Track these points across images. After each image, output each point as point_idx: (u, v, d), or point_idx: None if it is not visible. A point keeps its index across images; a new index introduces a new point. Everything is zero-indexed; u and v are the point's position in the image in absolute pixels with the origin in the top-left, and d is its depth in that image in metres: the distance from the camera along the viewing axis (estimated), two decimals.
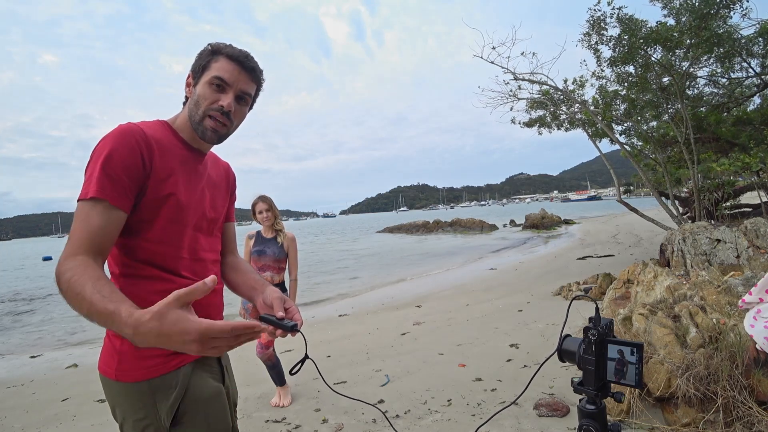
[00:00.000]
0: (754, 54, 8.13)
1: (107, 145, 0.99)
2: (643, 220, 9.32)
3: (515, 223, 34.23)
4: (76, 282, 0.87)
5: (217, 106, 1.08)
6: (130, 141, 1.00)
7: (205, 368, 1.15)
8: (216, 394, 1.13)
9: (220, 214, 1.27)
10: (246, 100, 1.15)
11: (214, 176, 1.25)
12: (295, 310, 1.08)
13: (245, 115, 1.18)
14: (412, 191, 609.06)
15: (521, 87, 9.95)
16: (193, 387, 1.08)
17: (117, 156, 0.98)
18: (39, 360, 6.36)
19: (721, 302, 2.98)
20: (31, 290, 15.88)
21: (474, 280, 10.12)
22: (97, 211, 0.96)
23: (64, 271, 0.90)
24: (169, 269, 1.08)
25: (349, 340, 5.52)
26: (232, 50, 1.10)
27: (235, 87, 1.09)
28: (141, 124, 1.07)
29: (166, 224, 1.07)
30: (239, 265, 1.31)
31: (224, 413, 1.15)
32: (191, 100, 1.11)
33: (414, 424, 2.84)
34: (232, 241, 1.36)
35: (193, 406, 1.07)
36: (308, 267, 16.06)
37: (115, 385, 1.05)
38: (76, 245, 0.94)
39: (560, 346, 1.00)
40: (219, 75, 1.07)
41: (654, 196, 9.42)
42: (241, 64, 1.09)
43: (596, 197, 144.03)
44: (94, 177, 0.97)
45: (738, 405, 2.20)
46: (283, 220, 3.52)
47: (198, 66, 1.11)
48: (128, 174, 0.99)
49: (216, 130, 1.10)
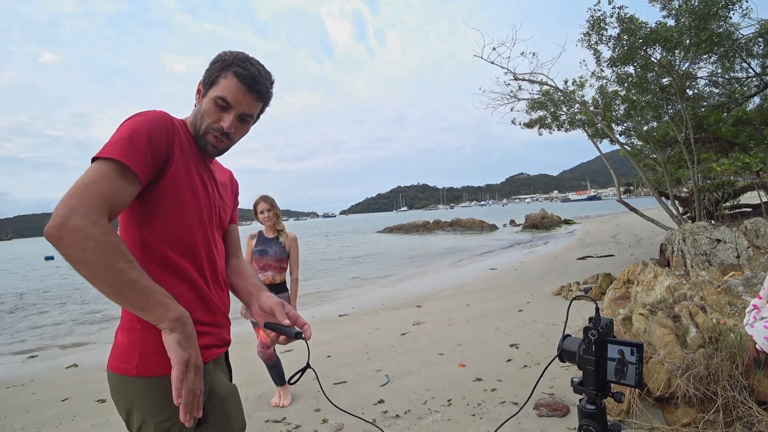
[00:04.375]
0: (754, 54, 8.12)
1: (139, 120, 0.99)
2: (643, 220, 9.33)
3: (515, 223, 34.24)
4: (119, 250, 0.85)
5: (218, 126, 1.09)
6: (160, 122, 1.01)
7: (221, 367, 1.19)
8: (233, 392, 1.19)
9: (227, 214, 1.30)
10: (247, 120, 1.15)
11: (223, 179, 1.30)
12: (297, 315, 1.08)
13: (248, 131, 1.20)
14: (412, 191, 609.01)
15: (521, 87, 9.96)
16: (215, 387, 1.12)
17: (145, 130, 0.98)
18: (39, 360, 6.36)
19: (721, 302, 2.98)
20: (31, 290, 15.87)
21: (474, 280, 10.12)
22: (117, 174, 0.92)
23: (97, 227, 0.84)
24: (188, 258, 1.08)
25: (349, 340, 5.52)
26: (242, 69, 1.07)
27: (238, 109, 1.09)
28: (173, 117, 1.09)
29: (183, 213, 1.07)
30: (241, 268, 1.32)
31: (240, 411, 1.20)
32: (198, 109, 1.13)
33: (414, 424, 2.84)
34: (235, 244, 1.37)
35: (216, 404, 1.10)
36: (308, 267, 16.06)
37: (134, 383, 1.01)
38: (97, 201, 0.87)
39: (561, 346, 1.00)
40: (223, 96, 1.07)
41: (654, 196, 9.42)
42: (247, 86, 1.08)
43: (596, 197, 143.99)
44: (120, 141, 0.95)
45: (738, 405, 2.20)
46: (283, 220, 3.52)
47: (208, 78, 1.10)
48: (153, 150, 0.98)
49: (216, 146, 1.14)
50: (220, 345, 1.16)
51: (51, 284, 17.33)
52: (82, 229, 0.83)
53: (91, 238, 0.83)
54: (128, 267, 0.87)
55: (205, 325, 1.09)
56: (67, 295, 13.74)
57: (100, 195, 0.88)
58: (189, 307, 1.01)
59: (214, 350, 1.12)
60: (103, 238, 0.84)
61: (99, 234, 0.84)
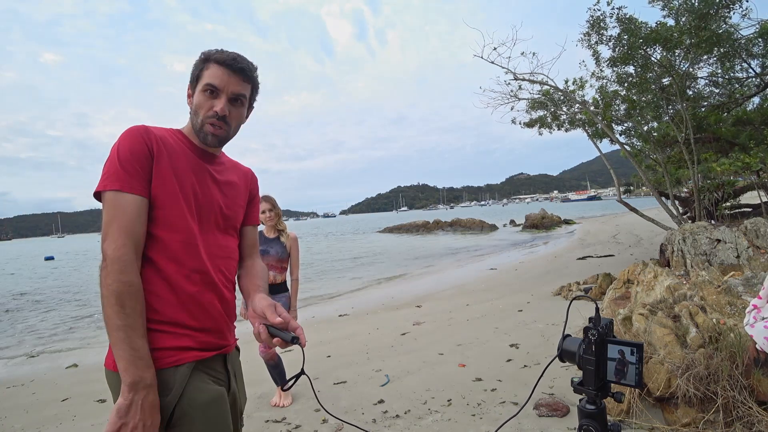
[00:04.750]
0: (754, 54, 8.12)
1: (117, 144, 1.08)
2: (643, 220, 9.32)
3: (515, 223, 34.24)
4: (121, 293, 0.99)
5: (212, 112, 1.14)
6: (135, 134, 1.09)
7: (209, 371, 1.13)
8: (215, 399, 1.10)
9: (237, 213, 1.29)
10: (241, 101, 1.18)
11: (232, 178, 1.29)
12: (290, 319, 1.05)
13: (243, 115, 1.22)
14: (412, 191, 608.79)
15: (522, 87, 9.96)
16: (191, 391, 1.06)
17: (126, 149, 1.06)
18: (39, 360, 6.36)
19: (721, 302, 2.98)
20: (31, 290, 15.87)
21: (474, 280, 10.12)
22: (125, 202, 1.04)
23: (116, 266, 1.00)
24: (176, 257, 1.09)
25: (349, 340, 5.52)
26: (220, 55, 1.14)
27: (227, 90, 1.14)
28: (146, 125, 1.15)
29: (174, 214, 1.10)
30: (251, 269, 1.32)
31: (223, 418, 1.12)
32: (192, 108, 1.18)
33: (414, 424, 2.84)
34: (250, 245, 1.37)
35: (189, 410, 1.05)
36: (309, 267, 16.06)
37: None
38: (121, 236, 1.02)
39: (561, 346, 1.00)
40: (210, 82, 1.13)
41: (654, 196, 9.42)
42: (229, 67, 1.13)
43: (596, 197, 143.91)
44: (113, 170, 1.06)
45: (738, 405, 2.20)
46: (283, 220, 3.52)
47: (193, 76, 1.17)
48: (139, 162, 1.07)
49: (215, 134, 1.16)
50: (204, 349, 1.12)
51: (51, 284, 17.33)
52: (105, 270, 1.01)
53: (108, 276, 0.99)
54: (119, 313, 0.98)
55: (184, 328, 1.09)
56: (67, 295, 13.74)
57: (120, 229, 1.02)
58: (165, 307, 1.07)
59: (193, 353, 1.09)
60: (116, 277, 0.99)
61: (114, 273, 0.99)
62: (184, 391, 1.05)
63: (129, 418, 0.95)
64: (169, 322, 1.07)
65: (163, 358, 1.05)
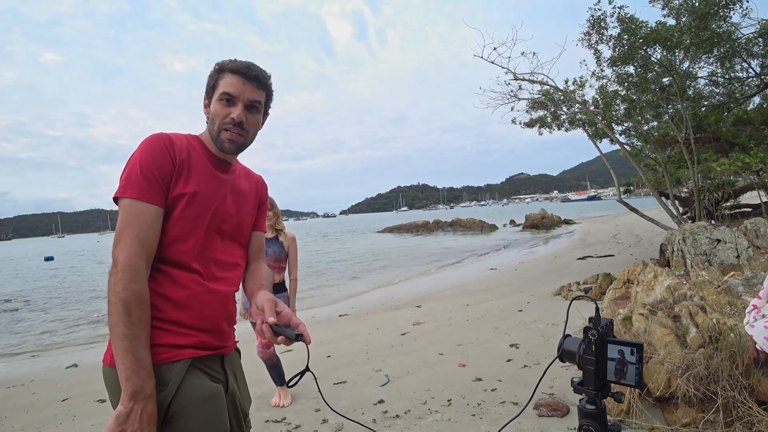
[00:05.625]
0: (754, 54, 8.12)
1: (139, 151, 1.11)
2: (643, 220, 9.32)
3: (515, 223, 34.24)
4: (128, 302, 1.00)
5: (229, 119, 1.17)
6: (159, 143, 1.12)
7: (205, 369, 1.14)
8: (211, 395, 1.11)
9: (246, 221, 1.31)
10: (257, 108, 1.21)
11: (244, 186, 1.31)
12: (291, 315, 1.08)
13: (259, 122, 1.25)
14: (412, 191, 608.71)
15: (521, 87, 9.96)
16: (187, 387, 1.07)
17: (148, 157, 1.09)
18: (39, 360, 6.36)
19: (721, 302, 2.98)
20: (31, 290, 15.87)
21: (474, 280, 10.12)
22: (141, 210, 1.06)
23: (137, 283, 1.01)
24: (182, 265, 1.12)
25: (349, 340, 5.52)
26: (235, 64, 1.18)
27: (243, 98, 1.17)
28: (168, 133, 1.18)
29: (184, 222, 1.12)
30: (256, 271, 1.34)
31: (219, 415, 1.12)
32: (209, 117, 1.20)
33: (414, 424, 2.84)
34: (257, 250, 1.39)
35: (185, 406, 1.06)
36: (308, 267, 16.06)
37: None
38: (135, 244, 1.04)
39: (561, 346, 1.00)
40: (226, 90, 1.16)
41: (654, 196, 9.42)
42: (244, 76, 1.17)
43: (596, 197, 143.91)
44: (133, 177, 1.08)
45: (738, 405, 2.20)
46: (283, 221, 3.52)
47: (208, 87, 1.21)
48: (161, 172, 1.09)
49: (232, 140, 1.19)
50: (201, 347, 1.13)
51: (51, 284, 17.33)
52: (114, 276, 1.02)
53: (118, 284, 1.00)
54: (125, 321, 0.99)
55: (183, 327, 1.11)
56: (66, 295, 13.75)
57: (134, 237, 1.04)
58: (167, 307, 1.09)
59: (190, 350, 1.10)
60: (125, 285, 1.00)
61: (124, 281, 1.00)
62: (179, 387, 1.06)
63: (128, 426, 0.97)
64: (170, 321, 1.09)
65: (160, 353, 1.06)
